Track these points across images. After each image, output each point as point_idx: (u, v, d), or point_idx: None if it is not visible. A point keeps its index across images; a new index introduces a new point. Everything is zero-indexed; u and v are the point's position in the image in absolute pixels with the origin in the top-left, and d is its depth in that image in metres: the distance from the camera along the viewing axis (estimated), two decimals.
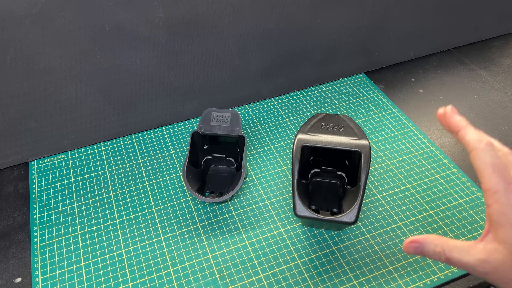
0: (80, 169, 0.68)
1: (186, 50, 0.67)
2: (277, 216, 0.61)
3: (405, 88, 0.83)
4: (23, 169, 0.68)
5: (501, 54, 0.91)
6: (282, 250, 0.57)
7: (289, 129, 0.74)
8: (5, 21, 0.54)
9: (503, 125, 0.75)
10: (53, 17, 0.56)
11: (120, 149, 0.71)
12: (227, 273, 0.55)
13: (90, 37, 0.60)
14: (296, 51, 0.76)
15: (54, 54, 0.59)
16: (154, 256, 0.57)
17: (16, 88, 0.60)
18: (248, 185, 0.65)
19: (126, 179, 0.66)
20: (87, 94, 0.65)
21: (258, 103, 0.79)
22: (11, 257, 0.57)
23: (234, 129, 0.62)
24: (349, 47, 0.81)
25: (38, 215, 0.61)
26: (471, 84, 0.84)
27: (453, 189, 0.64)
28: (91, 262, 0.56)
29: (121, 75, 0.65)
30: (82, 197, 0.64)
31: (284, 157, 0.69)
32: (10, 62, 0.58)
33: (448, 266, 0.55)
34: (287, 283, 0.54)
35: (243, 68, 0.74)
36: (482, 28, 0.92)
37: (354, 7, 0.75)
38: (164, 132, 0.74)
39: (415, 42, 0.87)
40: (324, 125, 0.60)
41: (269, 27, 0.70)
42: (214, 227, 0.60)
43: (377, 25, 0.80)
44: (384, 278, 0.54)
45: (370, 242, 0.58)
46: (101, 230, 0.60)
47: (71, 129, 0.68)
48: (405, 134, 0.73)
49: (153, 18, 0.61)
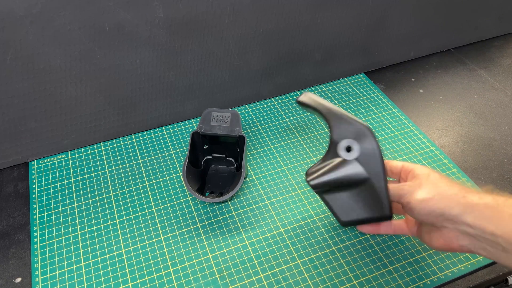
0: (80, 169, 0.68)
1: (186, 50, 0.67)
2: (277, 216, 0.61)
3: (405, 88, 0.83)
4: (23, 169, 0.68)
5: (501, 54, 0.91)
6: (282, 250, 0.57)
7: (289, 129, 0.74)
8: (5, 21, 0.54)
9: (503, 125, 0.75)
10: (53, 17, 0.56)
11: (120, 149, 0.71)
12: (227, 273, 0.55)
13: (90, 37, 0.60)
14: (296, 51, 0.76)
15: (54, 54, 0.59)
16: (154, 256, 0.57)
17: (16, 88, 0.60)
18: (248, 185, 0.65)
19: (126, 179, 0.66)
20: (87, 94, 0.65)
21: (258, 103, 0.79)
22: (11, 257, 0.57)
23: (234, 129, 0.62)
24: (349, 47, 0.81)
25: (38, 215, 0.61)
26: (471, 84, 0.84)
27: None
28: (91, 262, 0.56)
29: (121, 75, 0.65)
30: (82, 197, 0.64)
31: (284, 157, 0.69)
32: (10, 62, 0.58)
33: (448, 266, 0.55)
34: (287, 283, 0.54)
35: (243, 68, 0.74)
36: (482, 28, 0.92)
37: (354, 7, 0.75)
38: (164, 132, 0.74)
39: (415, 42, 0.87)
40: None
41: (269, 27, 0.70)
42: (214, 227, 0.60)
43: (377, 25, 0.80)
44: (384, 278, 0.54)
45: (370, 242, 0.58)
46: (101, 230, 0.60)
47: (71, 129, 0.68)
48: (405, 134, 0.73)
49: (153, 18, 0.61)
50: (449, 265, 0.55)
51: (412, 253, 0.56)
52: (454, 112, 0.78)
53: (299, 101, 0.54)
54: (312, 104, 0.52)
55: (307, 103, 0.52)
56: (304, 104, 0.53)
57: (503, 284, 0.57)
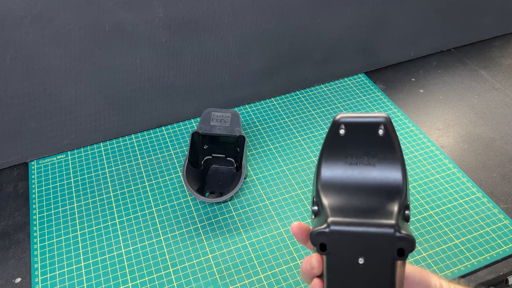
0: (80, 169, 0.68)
1: (186, 50, 0.67)
2: (277, 216, 0.61)
3: (405, 88, 0.83)
4: (23, 169, 0.68)
5: (501, 54, 0.91)
6: (282, 250, 0.57)
7: (289, 129, 0.74)
8: (5, 21, 0.54)
9: (503, 125, 0.75)
10: (53, 17, 0.56)
11: (120, 149, 0.71)
12: (227, 273, 0.55)
13: (90, 37, 0.60)
14: (296, 51, 0.76)
15: (54, 54, 0.59)
16: (154, 256, 0.57)
17: (16, 88, 0.60)
18: (248, 185, 0.65)
19: (126, 179, 0.66)
20: (87, 94, 0.65)
21: (258, 103, 0.79)
22: (11, 257, 0.57)
23: (234, 129, 0.62)
24: (349, 47, 0.81)
25: (38, 215, 0.61)
26: (471, 84, 0.84)
27: (453, 189, 0.64)
28: (91, 262, 0.56)
29: (121, 75, 0.65)
30: (82, 197, 0.64)
31: (284, 157, 0.69)
32: (10, 62, 0.58)
33: (448, 266, 0.55)
34: (287, 283, 0.54)
35: (243, 68, 0.74)
36: (482, 28, 0.92)
37: (354, 7, 0.75)
38: (164, 132, 0.74)
39: (415, 42, 0.87)
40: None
41: (269, 27, 0.70)
42: (214, 227, 0.60)
43: (377, 25, 0.80)
44: None
45: None
46: (101, 230, 0.60)
47: (71, 129, 0.68)
48: (405, 134, 0.73)
49: (153, 18, 0.61)
50: (449, 265, 0.55)
51: (412, 253, 0.56)
52: (454, 112, 0.78)
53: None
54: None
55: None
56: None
57: (503, 284, 0.57)
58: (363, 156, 0.35)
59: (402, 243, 0.30)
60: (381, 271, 0.32)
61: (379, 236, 0.31)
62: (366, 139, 0.36)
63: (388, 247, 0.31)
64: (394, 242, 0.31)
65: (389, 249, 0.31)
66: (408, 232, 0.31)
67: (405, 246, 0.30)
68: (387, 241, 0.31)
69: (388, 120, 0.37)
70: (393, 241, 0.31)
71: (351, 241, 0.32)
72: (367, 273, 0.32)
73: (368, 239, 0.31)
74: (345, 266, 0.32)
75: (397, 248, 0.31)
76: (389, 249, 0.31)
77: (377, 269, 0.32)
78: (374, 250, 0.31)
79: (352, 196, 0.34)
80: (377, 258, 0.32)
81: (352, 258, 0.32)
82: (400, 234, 0.30)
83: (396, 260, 0.31)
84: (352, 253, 0.32)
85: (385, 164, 0.35)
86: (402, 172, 0.34)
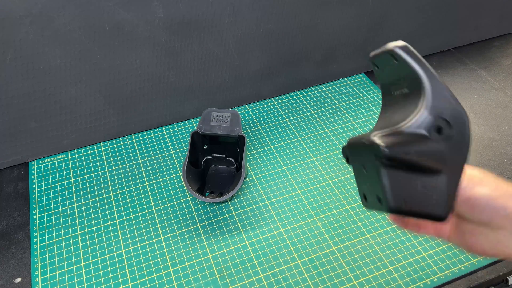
0: (80, 169, 0.68)
1: (186, 50, 0.67)
2: (277, 216, 0.61)
3: None
4: (23, 169, 0.68)
5: (501, 54, 0.91)
6: (282, 250, 0.57)
7: (289, 129, 0.74)
8: (5, 21, 0.54)
9: (503, 125, 0.75)
10: (53, 17, 0.56)
11: (120, 149, 0.71)
12: (227, 273, 0.55)
13: (90, 37, 0.60)
14: (296, 51, 0.76)
15: (54, 54, 0.59)
16: (154, 256, 0.57)
17: (16, 88, 0.60)
18: (248, 185, 0.65)
19: (126, 179, 0.66)
20: (87, 94, 0.65)
21: (258, 103, 0.79)
22: (11, 257, 0.57)
23: (234, 129, 0.62)
24: (349, 47, 0.81)
25: (38, 215, 0.61)
26: (471, 84, 0.84)
27: None
28: (91, 262, 0.56)
29: (121, 75, 0.65)
30: (82, 197, 0.64)
31: (284, 157, 0.69)
32: (10, 62, 0.58)
33: (448, 266, 0.55)
34: (287, 283, 0.54)
35: (243, 68, 0.74)
36: (482, 28, 0.92)
37: (354, 7, 0.75)
38: (164, 132, 0.74)
39: (415, 42, 0.86)
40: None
41: (269, 27, 0.70)
42: (214, 227, 0.60)
43: (377, 25, 0.80)
44: (384, 278, 0.54)
45: (370, 242, 0.58)
46: (101, 230, 0.60)
47: (71, 129, 0.68)
48: None
49: (153, 18, 0.61)
50: (449, 265, 0.55)
51: (412, 253, 0.56)
52: None
53: (392, 51, 0.41)
54: (411, 61, 0.41)
55: (405, 59, 0.41)
56: (398, 57, 0.41)
57: (503, 284, 0.57)
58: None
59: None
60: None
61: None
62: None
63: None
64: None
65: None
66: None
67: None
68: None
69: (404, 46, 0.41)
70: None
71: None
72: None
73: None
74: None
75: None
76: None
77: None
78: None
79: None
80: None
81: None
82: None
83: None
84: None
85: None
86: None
